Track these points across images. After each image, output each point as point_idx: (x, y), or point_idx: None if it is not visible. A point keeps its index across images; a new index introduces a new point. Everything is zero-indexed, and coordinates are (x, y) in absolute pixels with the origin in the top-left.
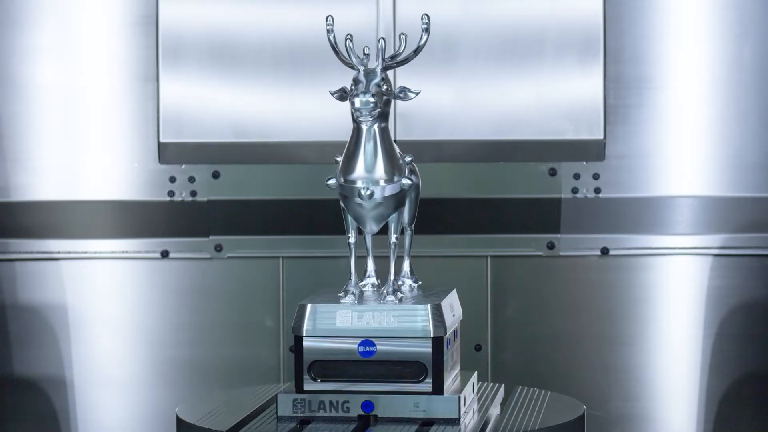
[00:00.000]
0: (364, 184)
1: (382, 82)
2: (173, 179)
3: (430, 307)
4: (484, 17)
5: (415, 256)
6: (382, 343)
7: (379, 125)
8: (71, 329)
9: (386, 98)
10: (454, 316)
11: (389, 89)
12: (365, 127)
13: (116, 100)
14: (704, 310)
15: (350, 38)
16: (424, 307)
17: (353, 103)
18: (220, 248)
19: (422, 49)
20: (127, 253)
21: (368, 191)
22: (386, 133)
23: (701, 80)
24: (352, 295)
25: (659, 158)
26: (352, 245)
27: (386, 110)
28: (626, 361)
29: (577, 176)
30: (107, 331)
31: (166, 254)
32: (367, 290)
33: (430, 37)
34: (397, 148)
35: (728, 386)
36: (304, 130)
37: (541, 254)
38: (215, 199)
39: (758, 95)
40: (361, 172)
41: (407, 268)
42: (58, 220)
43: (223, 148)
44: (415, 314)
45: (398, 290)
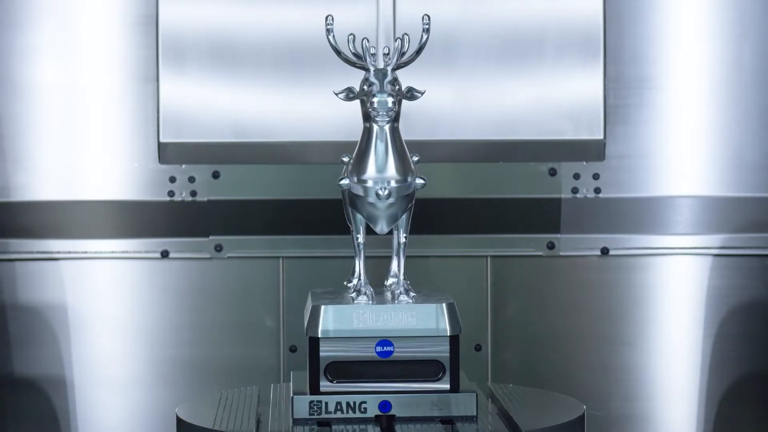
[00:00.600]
0: (380, 183)
1: (395, 82)
2: (173, 179)
3: (446, 305)
4: (484, 17)
5: (415, 256)
6: (399, 342)
7: (391, 125)
8: (71, 329)
9: (399, 98)
10: None
11: (400, 89)
12: (380, 127)
13: (116, 100)
14: (704, 310)
15: (367, 40)
16: (440, 306)
17: (371, 103)
18: (220, 248)
19: (423, 49)
20: (127, 253)
21: (386, 191)
22: (398, 132)
23: (701, 80)
24: (365, 295)
25: (659, 158)
26: (361, 246)
27: (398, 110)
28: (626, 361)
29: (577, 176)
30: (107, 331)
31: (166, 254)
32: (376, 290)
33: (430, 37)
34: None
35: (728, 386)
36: (304, 130)
37: (541, 254)
38: (215, 199)
39: (758, 95)
40: (376, 172)
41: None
42: (58, 220)
43: (223, 148)
44: (432, 313)
45: (410, 290)
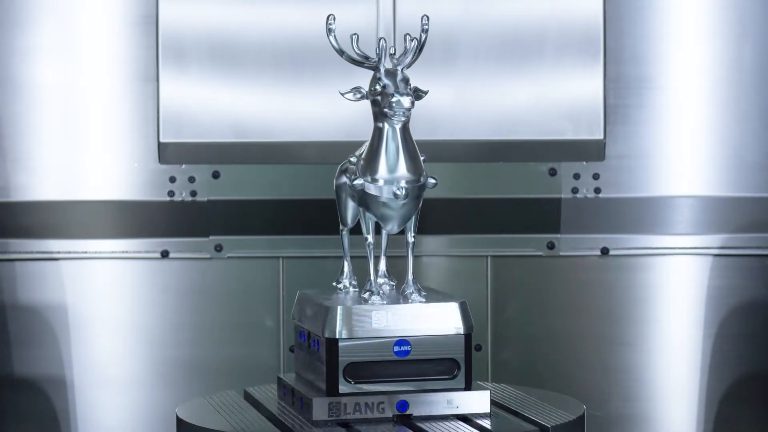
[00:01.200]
0: (397, 183)
1: (408, 81)
2: (173, 179)
3: (458, 304)
4: (484, 17)
5: (415, 255)
6: (416, 341)
7: (403, 124)
8: (71, 329)
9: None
10: None
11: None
12: (397, 126)
13: (116, 100)
14: (704, 310)
15: (384, 39)
16: (454, 305)
17: (390, 103)
18: (220, 248)
19: (423, 49)
20: (127, 253)
21: (403, 190)
22: (409, 132)
23: (701, 80)
24: (378, 296)
25: (659, 158)
26: (371, 246)
27: None
28: (626, 361)
29: (577, 176)
30: (107, 331)
31: (166, 254)
32: (386, 290)
33: (430, 37)
34: None
35: (728, 386)
36: (304, 130)
37: (541, 254)
38: (215, 199)
39: (758, 95)
40: (392, 172)
41: (384, 268)
42: (58, 220)
43: (223, 148)
44: (447, 312)
45: (421, 289)
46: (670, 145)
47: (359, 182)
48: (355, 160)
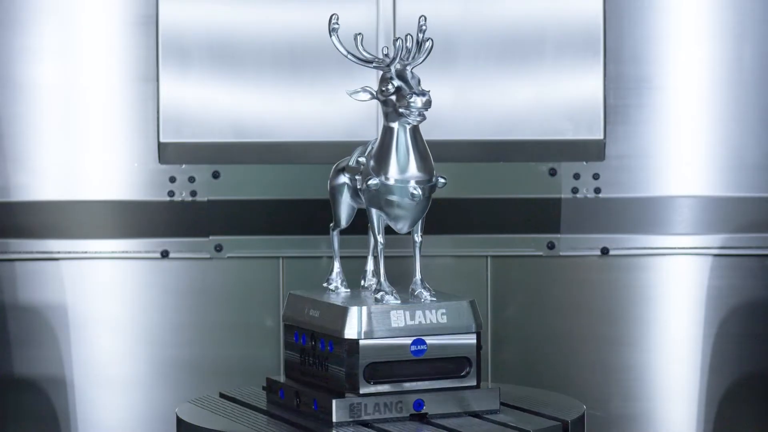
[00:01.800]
0: (413, 183)
1: (419, 81)
2: (173, 179)
3: (468, 302)
4: (484, 17)
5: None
6: (431, 340)
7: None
8: (71, 329)
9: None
10: None
11: None
12: (405, 126)
13: (116, 100)
14: (704, 310)
15: (401, 39)
16: (466, 302)
17: (408, 103)
18: (220, 248)
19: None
20: (127, 253)
21: (418, 190)
22: (420, 132)
23: (701, 80)
24: (390, 295)
25: (659, 158)
26: (381, 247)
27: None
28: (626, 361)
29: (577, 176)
30: (107, 331)
31: (166, 254)
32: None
33: (429, 37)
34: None
35: (728, 386)
36: (303, 129)
37: (541, 254)
38: (215, 199)
39: (758, 95)
40: (407, 171)
41: (372, 267)
42: (58, 220)
43: (223, 148)
44: (460, 310)
45: (429, 288)
46: (670, 145)
47: (374, 182)
48: (363, 160)
